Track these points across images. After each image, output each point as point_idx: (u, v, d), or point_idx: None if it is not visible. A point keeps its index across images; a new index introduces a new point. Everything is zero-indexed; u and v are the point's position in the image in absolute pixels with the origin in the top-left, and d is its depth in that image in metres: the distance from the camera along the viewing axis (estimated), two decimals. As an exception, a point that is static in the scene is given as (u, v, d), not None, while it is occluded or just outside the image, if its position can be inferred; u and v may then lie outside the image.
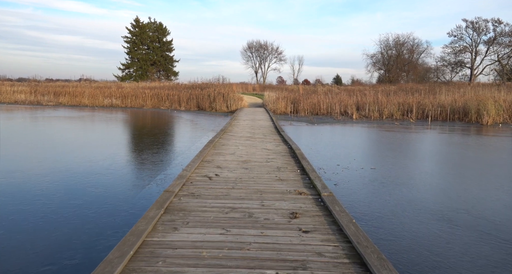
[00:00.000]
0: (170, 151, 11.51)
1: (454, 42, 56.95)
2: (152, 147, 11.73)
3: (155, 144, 12.47)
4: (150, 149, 11.31)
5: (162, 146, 12.12)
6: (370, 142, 14.51)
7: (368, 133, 16.93)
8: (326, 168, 9.01)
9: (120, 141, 13.61)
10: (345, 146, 12.89)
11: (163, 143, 12.87)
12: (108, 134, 15.14)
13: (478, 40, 56.74)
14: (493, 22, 55.83)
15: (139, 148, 11.85)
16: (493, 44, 55.64)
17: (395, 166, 9.48)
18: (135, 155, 10.64)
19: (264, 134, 12.06)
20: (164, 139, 13.92)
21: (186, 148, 11.44)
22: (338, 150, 11.92)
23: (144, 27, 53.93)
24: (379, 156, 11.18)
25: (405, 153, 11.89)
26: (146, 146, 12.05)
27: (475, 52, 57.23)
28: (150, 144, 12.46)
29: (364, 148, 12.68)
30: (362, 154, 11.51)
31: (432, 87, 36.83)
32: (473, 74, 56.97)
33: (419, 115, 23.03)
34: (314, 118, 22.89)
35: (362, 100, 26.07)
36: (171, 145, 12.73)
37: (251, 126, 14.55)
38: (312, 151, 11.41)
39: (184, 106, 29.37)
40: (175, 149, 11.82)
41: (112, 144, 12.65)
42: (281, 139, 11.20)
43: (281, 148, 9.36)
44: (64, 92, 31.63)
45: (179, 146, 12.52)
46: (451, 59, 57.92)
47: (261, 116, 19.55)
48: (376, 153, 11.94)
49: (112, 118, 22.02)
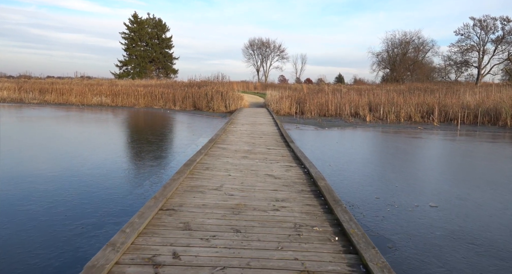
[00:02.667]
0: (115, 186, 6.43)
1: (461, 41, 53.48)
2: (94, 173, 7.28)
3: (104, 164, 8.24)
4: (85, 184, 6.73)
5: (111, 172, 7.40)
6: (404, 155, 11.19)
7: (394, 142, 13.61)
8: (362, 205, 5.72)
9: (56, 155, 10.35)
10: (374, 161, 9.59)
11: (116, 165, 8.06)
12: (51, 147, 11.88)
13: (485, 39, 53.29)
14: (501, 20, 52.27)
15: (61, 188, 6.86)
16: (502, 43, 52.19)
17: (465, 201, 6.17)
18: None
19: (267, 147, 8.76)
20: (127, 154, 9.82)
21: (148, 176, 7.27)
22: (367, 168, 8.62)
23: (143, 23, 50.52)
24: (429, 180, 7.86)
25: (466, 175, 8.58)
26: (85, 175, 7.16)
27: (482, 51, 53.78)
28: (96, 164, 8.49)
29: (402, 166, 9.36)
30: (402, 175, 8.19)
31: (441, 87, 33.45)
32: (481, 74, 53.58)
33: (441, 118, 19.70)
34: (322, 120, 19.57)
35: (375, 101, 22.74)
36: (126, 171, 7.66)
37: (250, 133, 11.25)
38: (333, 170, 8.12)
39: (179, 106, 26.09)
40: (126, 181, 6.91)
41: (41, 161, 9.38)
42: (291, 154, 7.90)
43: (294, 173, 6.07)
44: (50, 90, 28.35)
45: (139, 172, 7.62)
46: (457, 59, 54.53)
47: (263, 119, 16.23)
48: (421, 174, 8.60)
49: (83, 119, 18.73)
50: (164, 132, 14.17)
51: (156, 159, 9.01)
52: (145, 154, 9.60)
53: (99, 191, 6.14)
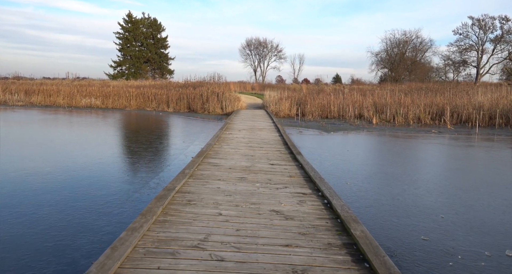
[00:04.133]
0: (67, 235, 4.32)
1: (460, 40, 51.92)
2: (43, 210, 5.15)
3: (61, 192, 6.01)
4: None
5: (68, 205, 5.28)
6: (434, 167, 9.41)
7: (414, 150, 11.83)
8: (408, 252, 3.94)
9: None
10: (399, 176, 7.78)
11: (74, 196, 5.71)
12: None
13: (484, 38, 51.76)
14: (500, 19, 50.80)
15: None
16: (501, 42, 50.69)
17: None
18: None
19: (270, 161, 6.93)
20: (90, 172, 7.30)
21: (108, 215, 5.07)
22: (394, 187, 6.81)
23: (138, 23, 48.48)
24: (483, 209, 6.06)
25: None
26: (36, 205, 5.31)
27: (481, 50, 52.24)
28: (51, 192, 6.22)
29: (437, 185, 7.56)
30: (444, 200, 6.39)
31: (445, 86, 31.74)
32: (479, 73, 52.03)
33: (453, 120, 17.96)
34: (326, 123, 17.78)
35: (380, 101, 20.97)
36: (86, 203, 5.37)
37: (248, 141, 9.43)
38: (353, 191, 6.32)
39: (173, 108, 24.24)
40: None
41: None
42: (301, 172, 6.08)
43: (310, 208, 4.24)
44: (37, 91, 26.39)
45: (99, 211, 5.09)
46: (456, 58, 52.96)
47: (263, 122, 14.41)
48: (468, 197, 6.77)
49: (59, 124, 16.83)
50: (150, 139, 12.32)
51: (131, 181, 7.16)
52: (120, 173, 7.75)
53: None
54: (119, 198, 5.72)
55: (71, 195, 5.86)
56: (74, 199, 5.63)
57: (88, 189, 6.21)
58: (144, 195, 5.87)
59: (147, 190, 6.18)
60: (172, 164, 8.21)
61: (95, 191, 6.06)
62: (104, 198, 5.69)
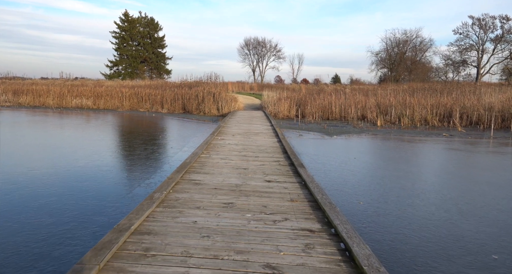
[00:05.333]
0: None
1: (460, 40, 50.67)
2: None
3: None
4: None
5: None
6: (460, 180, 8.07)
7: (429, 157, 10.48)
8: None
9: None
10: (418, 192, 6.42)
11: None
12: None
13: (485, 38, 50.49)
14: (500, 18, 49.53)
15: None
16: (501, 42, 49.42)
17: None
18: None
19: (266, 177, 5.56)
20: (51, 194, 5.66)
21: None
22: (417, 209, 5.46)
23: (134, 22, 47.00)
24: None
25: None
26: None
27: (481, 50, 50.97)
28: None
29: (476, 205, 6.23)
30: (490, 228, 5.04)
31: (445, 87, 30.44)
32: (480, 73, 50.78)
33: (462, 122, 16.63)
34: (327, 125, 16.43)
35: (384, 102, 19.63)
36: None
37: (242, 149, 8.07)
38: (369, 214, 4.97)
39: (168, 108, 22.88)
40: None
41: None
42: (305, 193, 4.72)
43: (323, 260, 2.88)
44: (26, 91, 24.99)
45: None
46: (456, 58, 51.69)
47: (260, 125, 13.04)
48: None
49: (39, 126, 15.45)
50: (135, 144, 10.95)
51: (81, 214, 5.79)
52: (77, 199, 6.37)
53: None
54: (57, 241, 4.35)
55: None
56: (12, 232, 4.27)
57: (35, 215, 4.84)
58: (86, 237, 4.40)
59: (94, 228, 4.64)
60: (149, 179, 6.83)
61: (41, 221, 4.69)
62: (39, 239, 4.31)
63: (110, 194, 5.89)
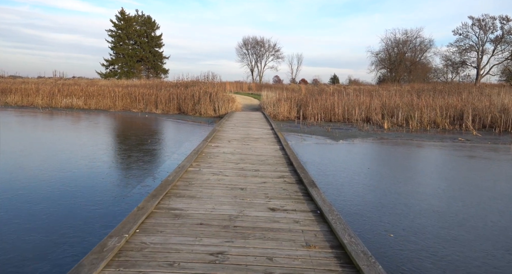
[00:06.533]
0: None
1: (460, 40, 49.40)
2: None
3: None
4: None
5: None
6: (505, 199, 6.76)
7: (450, 166, 9.15)
8: None
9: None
10: (461, 218, 5.09)
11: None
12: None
13: (485, 39, 49.27)
14: (500, 19, 48.32)
15: None
16: (501, 43, 48.23)
17: None
18: None
19: (269, 204, 4.21)
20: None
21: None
22: (470, 249, 4.13)
23: (131, 20, 45.48)
24: None
25: None
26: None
27: (481, 51, 49.75)
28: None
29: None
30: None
31: (448, 87, 29.21)
32: (480, 74, 49.58)
33: (475, 125, 15.36)
34: (331, 128, 15.10)
35: (389, 103, 18.34)
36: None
37: (239, 160, 6.71)
38: (404, 252, 3.62)
39: (162, 109, 21.47)
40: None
41: None
42: (323, 231, 3.36)
43: None
44: (14, 90, 23.54)
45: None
46: (456, 59, 50.46)
47: (259, 129, 11.69)
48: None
49: (14, 129, 14.05)
50: (118, 152, 9.58)
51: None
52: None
53: None
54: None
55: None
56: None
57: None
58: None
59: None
60: (117, 207, 5.46)
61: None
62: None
63: (46, 243, 4.53)
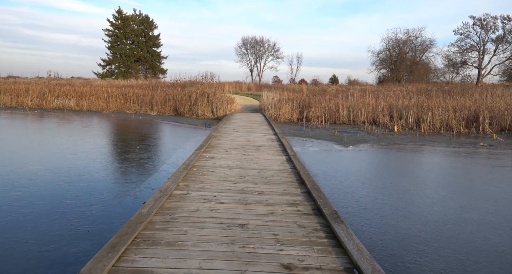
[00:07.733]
0: None
1: (461, 40, 48.10)
2: None
3: None
4: None
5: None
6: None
7: (486, 180, 7.85)
8: None
9: None
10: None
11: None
12: None
13: (486, 38, 48.00)
14: (502, 19, 47.02)
15: None
16: (503, 43, 46.97)
17: None
18: None
19: (282, 258, 2.88)
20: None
21: None
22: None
23: (128, 19, 44.08)
24: None
25: None
26: None
27: (483, 51, 48.49)
28: None
29: None
30: None
31: (453, 88, 27.97)
32: (481, 74, 48.33)
33: (493, 128, 14.08)
34: (337, 131, 13.79)
35: (397, 105, 17.06)
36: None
37: (238, 178, 5.39)
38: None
39: (157, 110, 20.15)
40: None
41: None
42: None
43: None
44: (3, 91, 22.19)
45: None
46: (457, 59, 49.19)
47: (261, 135, 10.36)
48: None
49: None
50: (98, 163, 8.26)
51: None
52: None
53: None
54: None
55: None
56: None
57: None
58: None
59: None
60: (73, 249, 4.16)
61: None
62: None
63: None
